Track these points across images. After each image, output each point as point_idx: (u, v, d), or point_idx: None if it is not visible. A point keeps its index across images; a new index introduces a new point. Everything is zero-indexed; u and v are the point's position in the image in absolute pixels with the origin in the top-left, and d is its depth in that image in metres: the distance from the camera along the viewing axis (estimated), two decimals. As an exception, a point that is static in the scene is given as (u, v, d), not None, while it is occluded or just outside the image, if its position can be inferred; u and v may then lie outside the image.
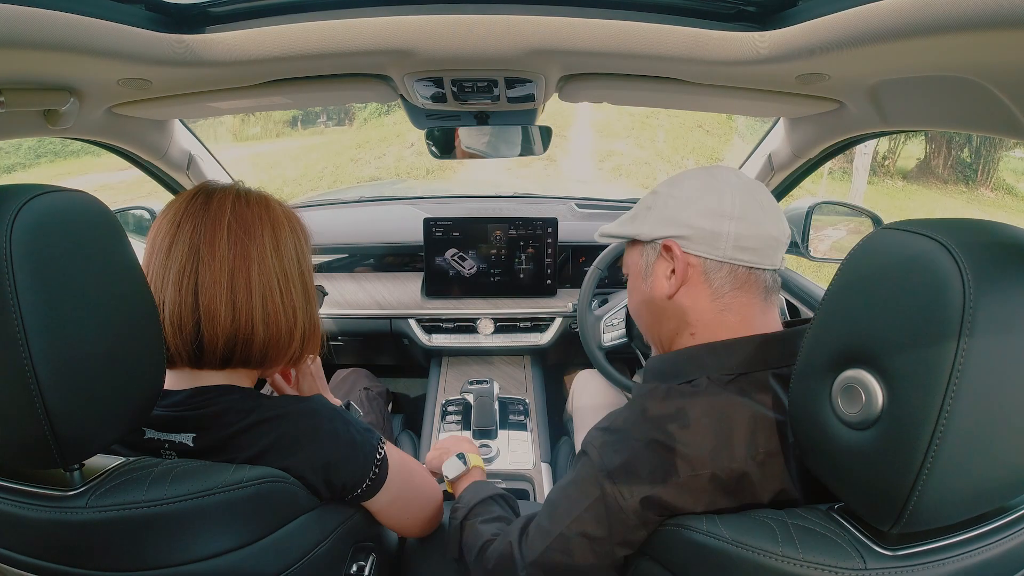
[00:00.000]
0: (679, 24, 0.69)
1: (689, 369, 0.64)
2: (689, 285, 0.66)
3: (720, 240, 0.64)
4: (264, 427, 0.61)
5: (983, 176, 9.80)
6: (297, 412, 0.64)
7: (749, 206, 0.64)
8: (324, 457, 0.63)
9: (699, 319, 0.67)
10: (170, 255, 0.60)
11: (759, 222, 0.64)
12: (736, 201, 0.64)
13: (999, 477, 0.42)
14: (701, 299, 0.66)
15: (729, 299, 0.65)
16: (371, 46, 0.73)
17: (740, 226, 0.63)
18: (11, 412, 0.43)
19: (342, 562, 0.70)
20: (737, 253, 0.64)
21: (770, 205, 0.66)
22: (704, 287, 0.66)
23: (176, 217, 0.62)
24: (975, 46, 0.55)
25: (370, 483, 0.68)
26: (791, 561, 0.46)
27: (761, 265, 0.65)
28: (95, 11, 0.59)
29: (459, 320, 1.62)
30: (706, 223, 0.64)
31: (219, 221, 0.61)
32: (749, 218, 0.63)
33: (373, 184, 8.36)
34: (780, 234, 0.65)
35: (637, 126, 11.10)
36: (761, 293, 0.66)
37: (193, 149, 1.35)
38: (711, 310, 0.66)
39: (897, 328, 0.42)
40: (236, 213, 0.63)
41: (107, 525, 0.50)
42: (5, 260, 0.41)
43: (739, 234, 0.63)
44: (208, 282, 0.60)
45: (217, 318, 0.60)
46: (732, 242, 0.64)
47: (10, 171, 9.07)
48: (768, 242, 0.64)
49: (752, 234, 0.64)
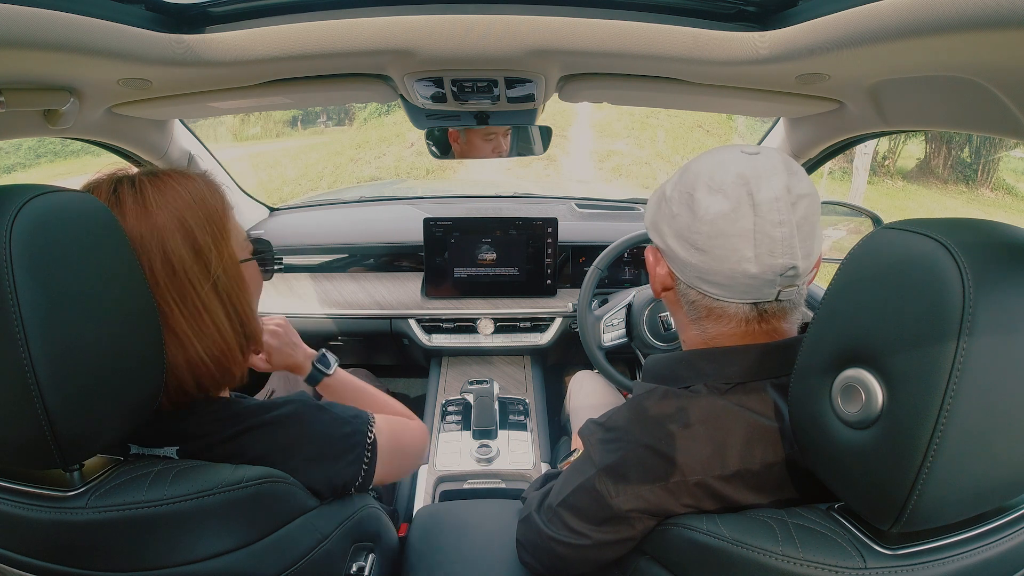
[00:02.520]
0: (679, 24, 0.69)
1: (687, 375, 0.63)
2: (672, 292, 0.66)
3: (686, 267, 0.60)
4: (251, 436, 0.61)
5: (983, 176, 9.80)
6: (283, 419, 0.63)
7: (722, 236, 0.56)
8: (318, 462, 0.63)
9: (685, 329, 0.67)
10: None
11: (727, 258, 0.56)
12: (704, 229, 0.57)
13: (999, 476, 0.42)
14: (680, 313, 0.66)
15: (702, 325, 0.63)
16: (371, 46, 0.73)
17: (702, 259, 0.58)
18: (11, 412, 0.43)
19: (342, 562, 0.69)
20: (701, 284, 0.60)
21: (768, 235, 0.55)
22: (679, 303, 0.65)
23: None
24: (975, 46, 0.55)
25: (365, 472, 0.68)
26: (791, 560, 0.46)
27: (732, 300, 0.59)
28: (95, 11, 0.59)
29: (459, 320, 1.62)
30: (676, 245, 0.61)
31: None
32: (715, 252, 0.57)
33: (373, 184, 8.36)
34: (765, 271, 0.55)
35: (637, 126, 11.10)
36: (739, 324, 0.61)
37: (193, 149, 1.35)
38: (691, 328, 0.65)
39: (897, 328, 0.42)
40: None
41: (107, 525, 0.50)
42: (5, 260, 0.41)
43: (700, 268, 0.59)
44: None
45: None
46: (695, 273, 0.60)
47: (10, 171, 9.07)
48: (741, 280, 0.56)
49: (717, 270, 0.57)
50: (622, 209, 1.84)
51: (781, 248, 0.55)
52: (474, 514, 1.05)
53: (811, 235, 0.57)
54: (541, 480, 0.87)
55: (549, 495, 0.69)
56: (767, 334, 0.61)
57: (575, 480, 0.64)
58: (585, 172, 9.54)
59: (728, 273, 0.57)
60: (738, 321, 0.61)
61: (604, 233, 1.61)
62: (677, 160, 9.86)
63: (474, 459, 1.29)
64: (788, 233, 0.55)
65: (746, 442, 0.56)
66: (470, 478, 1.27)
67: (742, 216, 0.55)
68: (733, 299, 0.59)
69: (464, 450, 1.32)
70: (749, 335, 0.61)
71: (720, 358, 0.62)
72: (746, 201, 0.55)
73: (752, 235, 0.55)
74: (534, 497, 0.75)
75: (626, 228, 1.47)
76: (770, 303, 0.59)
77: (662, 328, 1.27)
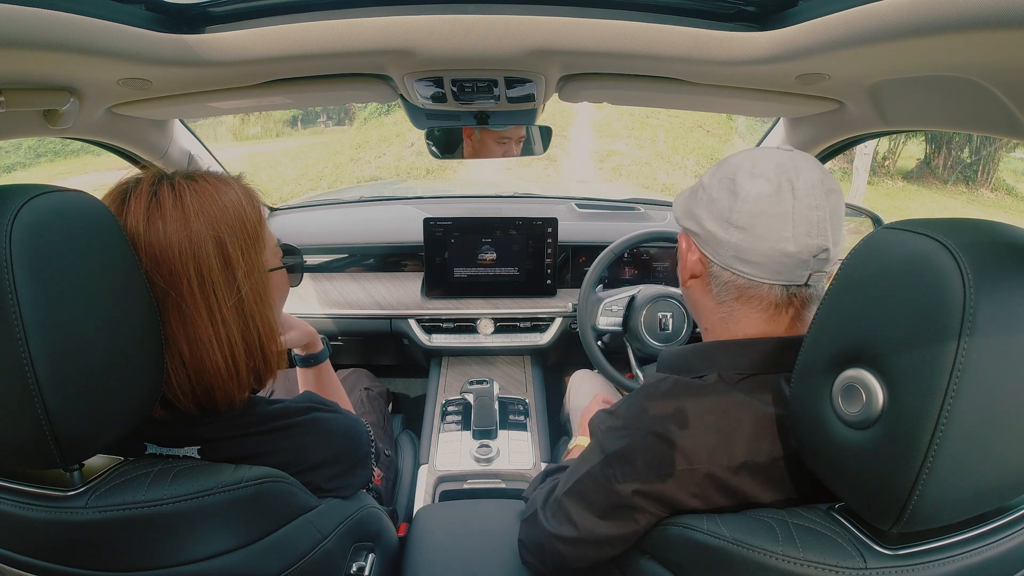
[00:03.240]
0: (679, 24, 0.69)
1: (700, 364, 0.64)
2: (700, 280, 0.67)
3: (721, 247, 0.62)
4: (272, 439, 0.62)
5: (983, 176, 9.80)
6: (306, 424, 0.65)
7: (763, 216, 0.58)
8: (337, 466, 0.66)
9: (708, 317, 0.68)
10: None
11: (768, 236, 0.59)
12: (746, 209, 0.59)
13: (999, 476, 0.42)
14: (707, 299, 0.67)
15: (730, 307, 0.64)
16: (371, 46, 0.73)
17: (742, 237, 0.60)
18: (11, 412, 0.43)
19: (342, 562, 0.70)
20: (736, 264, 0.61)
21: (806, 217, 0.58)
22: (709, 288, 0.66)
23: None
24: (975, 46, 0.55)
25: (372, 473, 0.72)
26: (791, 560, 0.46)
27: (764, 280, 0.61)
28: (95, 11, 0.59)
29: (459, 320, 1.62)
30: (714, 227, 0.62)
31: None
32: (756, 231, 0.59)
33: (373, 184, 8.35)
34: (802, 250, 0.58)
35: (637, 126, 11.09)
36: (766, 308, 0.62)
37: (193, 149, 1.35)
38: (715, 313, 0.66)
39: (897, 328, 0.42)
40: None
41: (107, 525, 0.50)
42: (5, 260, 0.41)
43: (739, 246, 0.60)
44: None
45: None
46: (732, 252, 0.61)
47: (10, 171, 9.07)
48: (777, 259, 0.59)
49: (756, 248, 0.59)
50: (622, 209, 1.84)
51: (817, 229, 0.58)
52: (474, 514, 1.05)
53: (839, 226, 0.61)
54: (541, 476, 0.88)
55: (555, 489, 0.70)
56: (791, 320, 0.63)
57: (582, 468, 0.65)
58: (585, 172, 9.53)
59: (766, 251, 0.59)
60: (767, 304, 0.62)
61: (604, 233, 1.61)
62: (677, 160, 9.85)
63: (474, 459, 1.29)
64: (823, 216, 0.59)
65: (754, 434, 0.56)
66: (470, 478, 1.27)
67: (783, 199, 0.58)
68: (766, 279, 0.60)
69: (464, 450, 1.32)
70: (774, 320, 0.62)
71: (735, 349, 0.63)
72: (786, 186, 0.59)
73: (791, 216, 0.58)
74: (538, 495, 0.75)
75: (626, 228, 1.47)
76: (799, 287, 0.61)
77: (659, 327, 1.28)
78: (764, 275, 0.60)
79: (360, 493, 0.77)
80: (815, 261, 0.59)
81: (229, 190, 0.61)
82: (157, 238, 0.54)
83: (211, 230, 0.57)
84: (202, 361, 0.57)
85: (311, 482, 0.63)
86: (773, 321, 0.63)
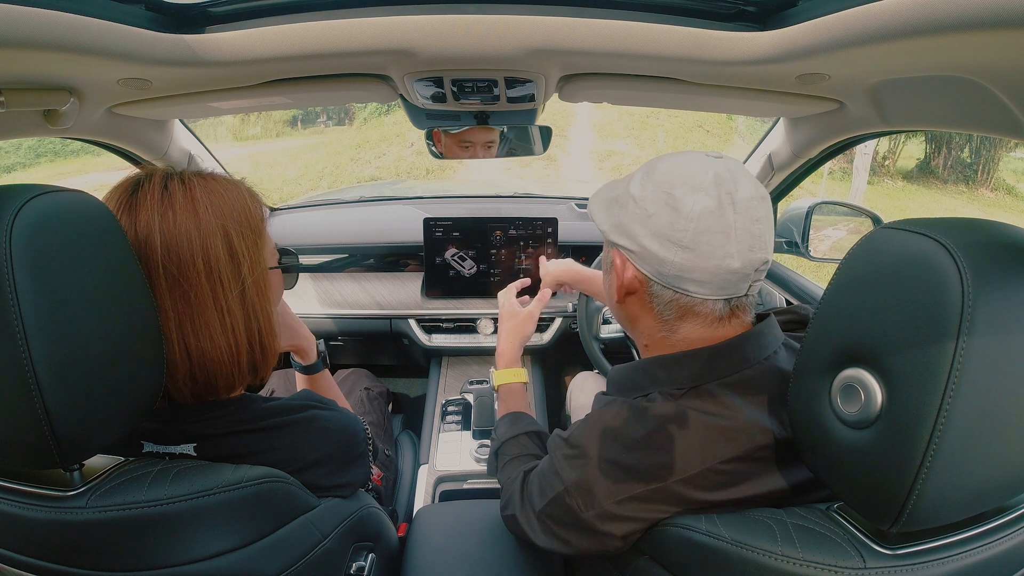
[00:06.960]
0: (679, 24, 0.69)
1: (643, 383, 0.64)
2: (638, 296, 0.64)
3: (664, 266, 0.59)
4: (270, 436, 0.62)
5: (983, 176, 9.80)
6: (302, 421, 0.65)
7: (707, 233, 0.56)
8: (334, 463, 0.66)
9: (648, 334, 0.66)
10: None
11: (713, 255, 0.57)
12: (691, 227, 0.57)
13: (998, 476, 0.42)
14: (647, 316, 0.65)
15: (673, 325, 0.63)
16: (371, 46, 0.73)
17: (687, 257, 0.58)
18: (11, 412, 0.43)
19: (342, 562, 0.70)
20: (680, 283, 0.59)
21: (748, 231, 0.57)
22: (650, 306, 0.64)
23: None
24: (975, 46, 0.55)
25: (369, 472, 0.72)
26: (791, 560, 0.46)
27: (709, 297, 0.60)
28: (95, 11, 0.59)
29: (459, 320, 1.62)
30: (653, 245, 0.59)
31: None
32: (701, 249, 0.57)
33: (373, 184, 8.36)
34: (746, 266, 0.57)
35: (637, 126, 11.10)
36: (710, 323, 0.61)
37: (193, 149, 1.35)
38: (658, 329, 0.65)
39: (896, 327, 0.42)
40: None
41: (107, 525, 0.50)
42: (5, 260, 0.41)
43: (683, 265, 0.58)
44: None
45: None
46: (675, 271, 0.59)
47: (10, 171, 9.08)
48: (723, 275, 0.58)
49: (700, 267, 0.57)
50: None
51: (760, 243, 0.58)
52: (474, 514, 1.05)
53: (772, 232, 0.61)
54: (508, 422, 0.93)
55: (532, 496, 0.69)
56: (730, 327, 0.62)
57: (549, 491, 0.65)
58: (585, 172, 9.53)
59: (711, 269, 0.58)
60: (712, 319, 0.61)
61: (604, 233, 1.60)
62: (677, 160, 9.84)
63: (474, 459, 1.29)
64: (764, 230, 0.58)
65: (703, 442, 0.56)
66: (470, 478, 1.27)
67: (725, 215, 0.57)
68: (711, 295, 0.60)
69: (464, 450, 1.32)
70: (714, 329, 0.62)
71: (671, 364, 0.63)
72: (727, 200, 0.57)
73: (734, 232, 0.57)
74: (513, 491, 0.75)
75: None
76: (740, 298, 0.61)
77: None
78: (709, 292, 0.59)
79: (360, 493, 0.77)
80: (756, 273, 0.59)
81: (235, 188, 0.63)
82: (168, 228, 0.56)
83: (219, 223, 0.59)
84: (207, 350, 0.59)
85: (309, 480, 0.63)
86: (713, 329, 0.62)
